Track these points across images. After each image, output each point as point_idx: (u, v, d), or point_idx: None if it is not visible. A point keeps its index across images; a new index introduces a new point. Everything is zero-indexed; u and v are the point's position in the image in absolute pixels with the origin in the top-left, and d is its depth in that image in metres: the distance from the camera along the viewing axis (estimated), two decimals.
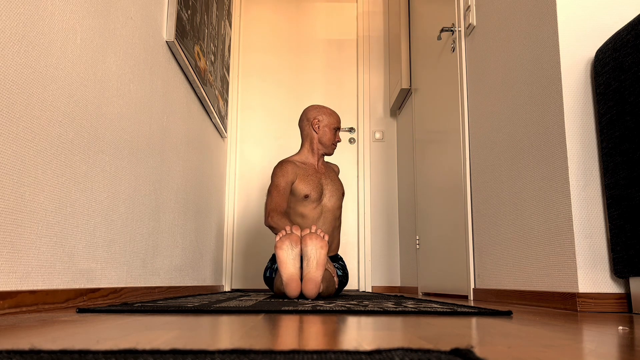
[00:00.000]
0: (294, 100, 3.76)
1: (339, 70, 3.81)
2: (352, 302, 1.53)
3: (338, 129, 2.41)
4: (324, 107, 2.42)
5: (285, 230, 1.91)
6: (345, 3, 3.91)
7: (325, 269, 2.09)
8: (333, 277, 2.13)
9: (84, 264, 1.37)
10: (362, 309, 1.19)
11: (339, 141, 2.43)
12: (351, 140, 3.71)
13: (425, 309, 1.21)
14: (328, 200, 2.34)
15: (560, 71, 1.52)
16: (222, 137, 3.37)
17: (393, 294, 3.06)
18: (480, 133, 2.14)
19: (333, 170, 2.49)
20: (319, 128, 2.36)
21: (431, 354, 0.48)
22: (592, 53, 1.53)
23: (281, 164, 2.29)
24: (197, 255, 2.67)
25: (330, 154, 2.44)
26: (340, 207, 2.39)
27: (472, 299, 2.16)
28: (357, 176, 3.67)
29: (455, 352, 0.50)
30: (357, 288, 3.53)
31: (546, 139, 1.59)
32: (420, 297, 2.60)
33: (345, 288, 3.36)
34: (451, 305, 1.37)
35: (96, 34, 1.43)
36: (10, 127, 1.04)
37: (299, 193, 2.27)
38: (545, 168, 1.60)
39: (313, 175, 2.33)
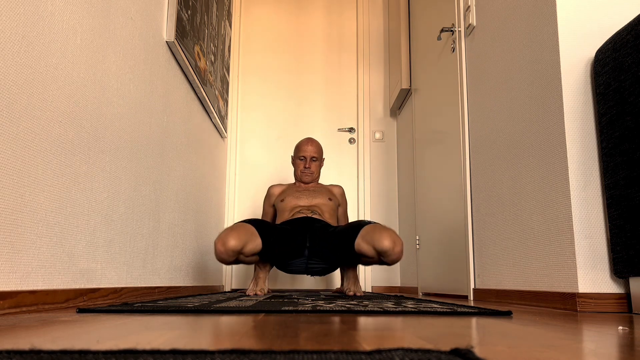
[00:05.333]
0: (294, 101, 3.76)
1: (339, 70, 3.81)
2: (352, 302, 1.53)
3: (303, 157, 2.54)
4: (301, 140, 2.64)
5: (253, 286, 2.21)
6: (345, 3, 3.91)
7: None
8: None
9: (84, 264, 1.37)
10: (362, 309, 1.19)
11: (307, 167, 2.54)
12: (351, 140, 3.71)
13: (425, 309, 1.21)
14: (305, 200, 2.48)
15: (560, 71, 1.52)
16: (222, 137, 3.37)
17: (393, 294, 3.06)
18: (480, 133, 2.14)
19: (327, 189, 2.59)
20: (293, 163, 2.61)
21: (431, 354, 0.48)
22: (592, 53, 1.52)
23: (268, 189, 2.62)
24: (197, 255, 2.67)
25: (305, 182, 2.57)
26: (327, 205, 2.48)
27: (472, 299, 2.16)
28: (357, 176, 3.67)
29: (455, 352, 0.50)
30: None
31: (546, 139, 1.59)
32: (420, 297, 2.60)
33: None
34: (451, 305, 1.37)
35: (96, 34, 1.43)
36: (10, 127, 1.04)
37: (278, 201, 2.51)
38: (545, 168, 1.60)
39: (295, 190, 2.53)
